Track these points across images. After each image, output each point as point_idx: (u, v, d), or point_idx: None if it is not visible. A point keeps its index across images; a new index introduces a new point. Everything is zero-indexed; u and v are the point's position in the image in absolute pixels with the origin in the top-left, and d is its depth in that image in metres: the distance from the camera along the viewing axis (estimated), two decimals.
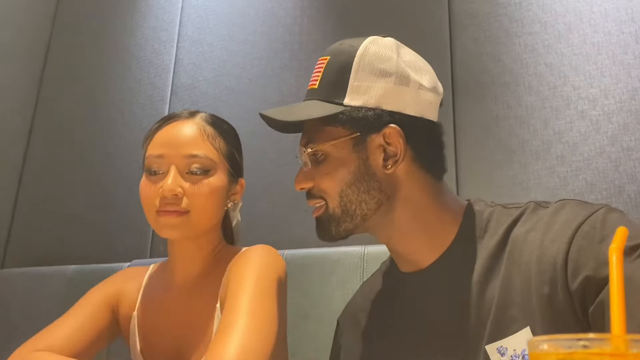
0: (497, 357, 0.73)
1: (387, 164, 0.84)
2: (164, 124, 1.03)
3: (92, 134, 2.23)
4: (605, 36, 1.47)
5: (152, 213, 0.97)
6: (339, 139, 0.83)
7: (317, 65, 0.89)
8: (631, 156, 1.37)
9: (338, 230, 0.85)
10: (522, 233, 0.77)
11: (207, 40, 2.12)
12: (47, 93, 2.42)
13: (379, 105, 0.83)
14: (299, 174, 0.88)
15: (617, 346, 0.35)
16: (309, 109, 0.85)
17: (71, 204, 2.17)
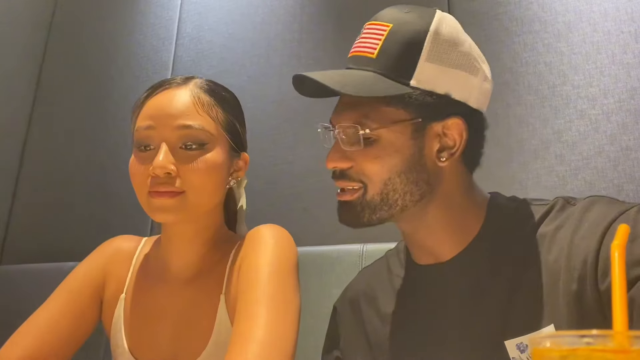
0: (516, 353, 0.72)
1: (441, 155, 0.79)
2: (155, 91, 0.90)
3: (91, 130, 2.22)
4: (604, 35, 1.47)
5: (144, 194, 0.86)
6: (400, 123, 0.76)
7: (372, 28, 0.80)
8: (630, 155, 1.37)
9: (371, 218, 0.79)
10: (551, 230, 0.76)
11: (206, 37, 2.11)
12: (46, 89, 2.41)
13: (448, 93, 0.77)
14: (334, 150, 0.80)
15: (620, 343, 0.35)
16: (371, 84, 0.75)
17: (69, 200, 2.17)
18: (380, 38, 0.78)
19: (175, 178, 0.85)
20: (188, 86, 0.91)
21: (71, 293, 0.97)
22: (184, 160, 0.86)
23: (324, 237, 1.61)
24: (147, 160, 0.86)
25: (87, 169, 2.17)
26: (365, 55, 0.79)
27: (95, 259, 1.03)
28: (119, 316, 0.96)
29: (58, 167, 2.25)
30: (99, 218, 2.07)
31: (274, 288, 0.81)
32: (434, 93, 0.76)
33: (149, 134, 0.87)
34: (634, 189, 1.34)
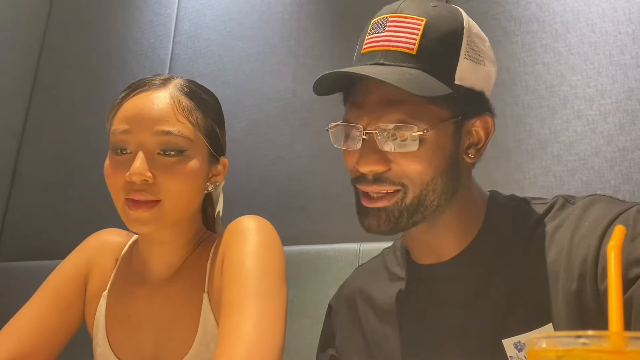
0: (513, 352, 0.72)
1: (469, 152, 0.79)
2: (132, 92, 0.87)
3: (88, 127, 2.21)
4: (602, 36, 1.47)
5: (120, 202, 0.84)
6: (445, 122, 0.74)
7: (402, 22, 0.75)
8: (627, 156, 1.37)
9: (408, 223, 0.76)
10: (550, 229, 0.76)
11: (203, 35, 2.11)
12: (43, 85, 2.40)
13: (483, 90, 0.78)
14: (370, 152, 0.74)
15: (616, 343, 0.35)
16: (424, 82, 0.72)
17: (66, 198, 2.16)
18: (417, 32, 0.74)
19: (151, 185, 0.82)
20: (167, 88, 0.87)
21: (56, 287, 0.96)
22: (161, 166, 0.83)
23: (320, 236, 1.61)
24: (123, 165, 0.84)
25: (83, 167, 2.16)
26: (403, 50, 0.74)
27: (81, 252, 1.01)
28: (101, 314, 0.95)
29: (54, 164, 2.24)
30: (95, 216, 2.07)
31: (259, 282, 0.80)
32: (473, 90, 0.76)
33: (126, 138, 0.84)
34: (630, 190, 1.35)
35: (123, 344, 0.92)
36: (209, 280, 0.89)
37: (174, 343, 0.88)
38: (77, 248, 1.03)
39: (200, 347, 0.87)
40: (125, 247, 1.01)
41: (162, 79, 0.90)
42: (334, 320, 0.95)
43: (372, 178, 0.75)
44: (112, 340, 0.93)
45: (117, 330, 0.93)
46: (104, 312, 0.95)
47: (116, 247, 1.01)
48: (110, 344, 0.92)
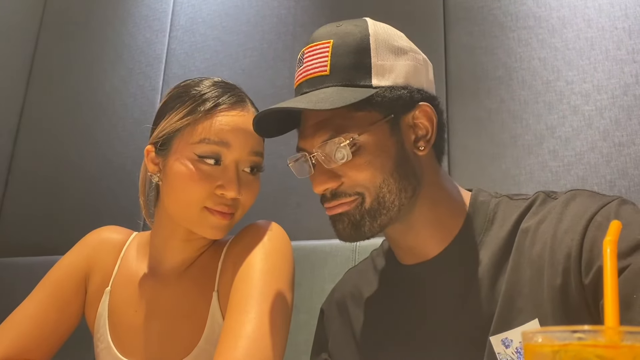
0: (501, 348, 0.72)
1: (418, 145, 0.80)
2: (223, 104, 0.88)
3: (83, 123, 2.20)
4: (598, 31, 1.47)
5: (197, 209, 0.85)
6: (376, 124, 0.76)
7: (313, 50, 0.80)
8: (622, 152, 1.37)
9: (372, 227, 0.78)
10: (533, 224, 0.76)
11: (199, 30, 2.10)
12: (37, 80, 2.39)
13: (407, 83, 0.79)
14: (318, 173, 0.78)
15: (611, 338, 0.35)
16: (335, 96, 0.75)
17: (61, 194, 2.15)
18: (327, 55, 0.78)
19: (237, 200, 0.87)
20: (249, 106, 0.92)
21: (55, 284, 0.96)
22: (244, 183, 0.88)
23: (317, 232, 1.61)
24: (211, 176, 0.85)
25: (79, 162, 2.16)
26: (318, 75, 0.78)
27: (81, 249, 1.02)
28: (104, 310, 0.95)
29: (49, 160, 2.23)
30: (91, 211, 2.06)
31: (266, 284, 0.81)
32: (395, 87, 0.78)
33: (223, 151, 0.86)
34: (626, 185, 1.35)
35: (127, 339, 0.92)
36: (220, 280, 0.90)
37: (180, 339, 0.88)
38: (77, 245, 1.03)
39: (206, 345, 0.87)
40: (127, 243, 1.01)
41: (237, 90, 0.93)
42: (326, 324, 0.96)
43: (330, 195, 0.78)
44: (115, 336, 0.93)
45: (120, 326, 0.93)
46: (106, 309, 0.95)
47: (117, 244, 1.01)
48: (112, 341, 0.92)
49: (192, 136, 0.86)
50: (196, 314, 0.89)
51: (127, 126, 2.10)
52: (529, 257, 0.74)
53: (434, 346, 0.79)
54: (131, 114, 2.11)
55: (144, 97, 2.11)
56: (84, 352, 1.11)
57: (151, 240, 0.98)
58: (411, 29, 1.71)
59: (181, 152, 0.87)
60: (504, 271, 0.76)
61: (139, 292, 0.94)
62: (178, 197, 0.87)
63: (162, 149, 0.90)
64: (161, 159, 0.91)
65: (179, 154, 0.87)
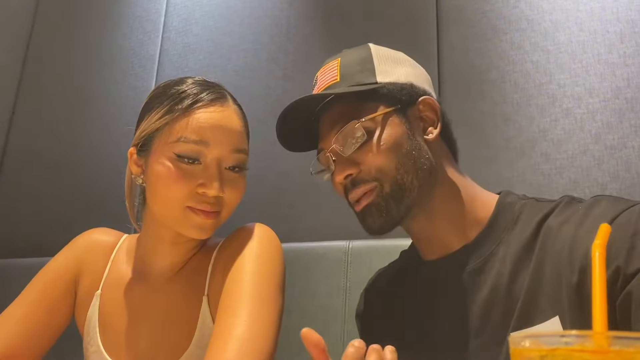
0: None
1: (428, 132, 0.87)
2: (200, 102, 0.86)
3: (75, 124, 2.19)
4: (590, 35, 1.48)
5: (179, 208, 0.84)
6: (383, 113, 0.84)
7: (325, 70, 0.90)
8: (614, 154, 1.38)
9: (399, 209, 0.82)
10: (556, 224, 0.77)
11: (192, 31, 2.10)
12: (29, 80, 2.38)
13: (410, 82, 0.88)
14: (338, 163, 0.85)
15: (599, 343, 0.35)
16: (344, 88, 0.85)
17: (53, 195, 2.14)
18: (336, 68, 0.89)
19: (220, 198, 0.86)
20: (230, 103, 0.91)
21: (44, 286, 0.96)
22: (228, 181, 0.87)
23: (309, 234, 1.61)
24: (192, 175, 0.84)
25: (71, 163, 2.15)
26: (330, 84, 0.88)
27: (71, 251, 1.01)
28: (94, 313, 0.94)
29: (41, 160, 2.22)
30: (82, 212, 2.05)
31: (256, 287, 0.81)
32: (398, 83, 0.87)
33: (202, 150, 0.84)
34: (617, 188, 1.35)
35: (116, 342, 0.91)
36: (210, 284, 0.89)
37: (170, 343, 0.88)
38: (66, 247, 1.02)
39: (196, 350, 0.87)
40: (117, 246, 1.01)
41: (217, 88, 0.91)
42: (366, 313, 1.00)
43: (351, 184, 0.84)
44: (105, 339, 0.92)
45: (110, 329, 0.92)
46: (96, 312, 0.94)
47: (107, 247, 1.01)
48: (102, 344, 0.92)
49: (170, 135, 0.85)
50: (186, 317, 0.89)
51: (120, 127, 2.09)
52: (551, 256, 0.75)
53: (454, 341, 0.80)
54: (124, 115, 2.10)
55: (136, 98, 2.10)
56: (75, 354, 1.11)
57: (140, 244, 0.97)
58: (404, 31, 1.72)
59: (161, 152, 0.86)
60: (526, 270, 0.77)
61: (129, 296, 0.93)
62: (160, 197, 0.86)
63: (143, 150, 0.89)
64: (143, 161, 0.90)
65: (159, 154, 0.86)
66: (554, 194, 1.40)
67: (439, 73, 1.63)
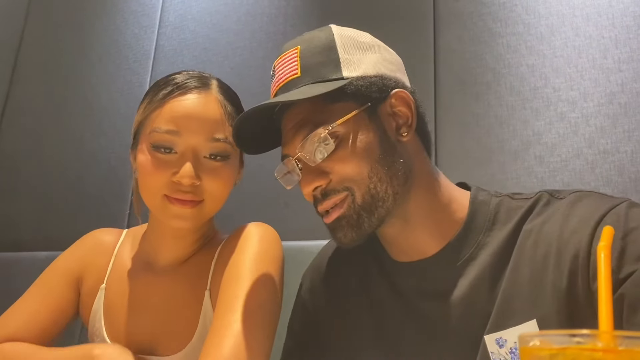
0: (495, 348, 0.72)
1: (401, 131, 0.80)
2: (176, 92, 0.86)
3: (67, 117, 2.18)
4: (586, 40, 1.49)
5: (158, 198, 0.85)
6: (353, 114, 0.76)
7: (283, 59, 0.81)
8: (607, 159, 1.39)
9: (371, 222, 0.76)
10: (537, 225, 0.75)
11: (189, 27, 2.09)
12: (22, 74, 2.35)
13: (379, 72, 0.79)
14: (305, 173, 0.77)
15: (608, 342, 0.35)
16: (310, 90, 0.75)
17: (43, 189, 2.12)
18: (296, 60, 0.79)
19: (197, 187, 0.84)
20: (212, 90, 0.88)
21: (49, 288, 0.97)
22: (207, 170, 0.85)
23: (305, 232, 1.60)
24: (167, 164, 0.84)
25: (63, 157, 2.13)
26: (290, 79, 0.79)
27: (74, 252, 1.03)
28: (99, 306, 0.96)
29: (32, 154, 2.20)
30: (74, 207, 2.04)
31: (253, 284, 0.81)
32: (367, 76, 0.78)
33: (173, 139, 0.84)
34: (610, 192, 1.37)
35: (119, 332, 0.93)
36: (212, 279, 0.90)
37: (172, 335, 0.89)
38: (70, 248, 1.04)
39: (198, 343, 0.87)
40: (119, 242, 1.02)
41: (202, 78, 0.90)
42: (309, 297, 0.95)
43: (321, 195, 0.77)
44: (110, 331, 0.93)
45: (114, 319, 0.94)
46: (102, 304, 0.95)
47: (109, 245, 1.02)
48: (107, 335, 0.93)
49: (148, 127, 0.87)
50: (189, 311, 0.90)
51: (114, 122, 2.08)
52: (531, 258, 0.73)
53: (427, 343, 0.79)
54: (118, 109, 2.09)
55: (131, 93, 2.09)
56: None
57: (146, 237, 0.99)
58: (401, 33, 1.73)
59: (142, 144, 0.87)
60: (503, 271, 0.75)
61: (134, 287, 0.95)
62: (142, 188, 0.87)
63: (134, 144, 0.91)
64: (134, 154, 0.92)
65: (141, 146, 0.87)
66: None
67: (435, 74, 1.64)
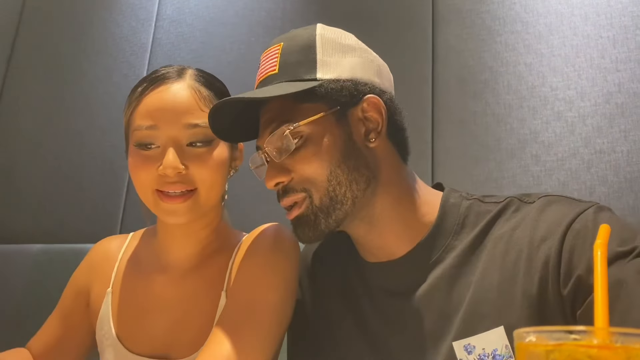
0: (463, 354, 0.72)
1: (369, 137, 0.80)
2: (150, 86, 0.87)
3: (63, 109, 2.16)
4: (584, 39, 1.49)
5: (150, 195, 0.85)
6: (321, 115, 0.77)
7: (267, 54, 0.83)
8: (603, 158, 1.39)
9: (328, 223, 0.77)
10: (507, 231, 0.75)
11: (186, 20, 2.08)
12: (17, 64, 2.34)
13: (354, 76, 0.79)
14: (270, 168, 0.79)
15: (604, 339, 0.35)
16: (280, 89, 0.77)
17: (39, 181, 2.11)
18: (277, 56, 0.81)
19: (185, 176, 0.83)
20: (184, 79, 0.88)
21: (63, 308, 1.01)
22: (192, 158, 0.84)
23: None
24: (151, 159, 0.84)
25: (59, 150, 2.12)
26: (268, 74, 0.81)
27: (82, 265, 1.04)
28: (107, 309, 0.95)
29: (28, 147, 2.19)
30: (69, 200, 2.03)
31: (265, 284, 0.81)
32: (340, 79, 0.78)
33: (152, 134, 0.84)
34: (605, 192, 1.37)
35: (133, 334, 0.91)
36: (229, 280, 0.89)
37: (189, 335, 0.87)
38: (79, 266, 1.05)
39: None
40: (124, 245, 1.01)
41: (177, 70, 0.90)
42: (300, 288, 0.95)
43: (282, 192, 0.79)
44: (121, 331, 0.92)
45: (126, 321, 0.93)
46: (109, 307, 0.94)
47: (114, 250, 1.01)
48: (119, 336, 0.92)
49: (131, 128, 0.87)
50: (205, 311, 0.88)
51: (109, 115, 2.07)
52: (501, 265, 0.73)
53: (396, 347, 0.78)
54: (114, 102, 2.08)
55: (127, 87, 2.06)
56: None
57: (157, 237, 0.97)
58: (399, 30, 1.73)
59: (130, 145, 0.88)
60: (470, 276, 0.75)
61: (149, 284, 0.94)
62: (136, 187, 0.87)
63: (126, 147, 0.91)
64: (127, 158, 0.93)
65: (130, 148, 0.88)
66: None
67: (432, 72, 1.64)
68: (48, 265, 1.72)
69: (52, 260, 1.72)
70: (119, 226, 1.90)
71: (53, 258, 1.72)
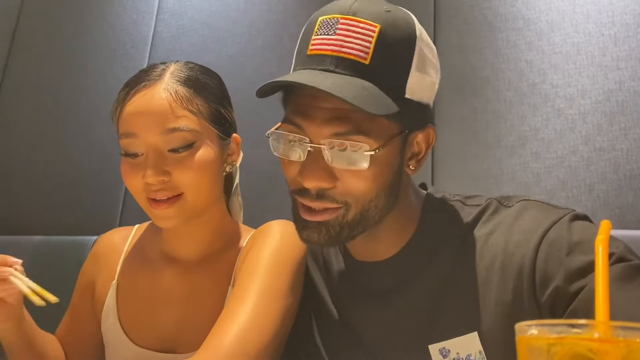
0: (439, 357, 0.72)
1: (410, 164, 0.75)
2: (130, 92, 0.86)
3: (64, 102, 2.16)
4: (585, 37, 1.50)
5: (143, 201, 0.85)
6: (393, 137, 0.70)
7: (355, 27, 0.68)
8: (602, 156, 1.40)
9: (348, 237, 0.74)
10: (483, 235, 0.74)
11: (187, 13, 2.07)
12: (18, 57, 2.33)
13: (429, 103, 0.75)
14: (316, 167, 0.69)
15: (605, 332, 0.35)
16: (376, 97, 0.67)
17: (39, 173, 2.11)
18: (371, 40, 0.68)
19: (169, 182, 0.83)
20: (162, 81, 0.85)
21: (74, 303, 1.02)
22: (175, 163, 0.83)
23: None
24: (138, 167, 0.84)
25: (59, 142, 2.12)
26: (355, 59, 0.68)
27: (88, 260, 1.04)
28: (111, 301, 0.95)
29: (27, 138, 2.18)
30: (69, 191, 2.03)
31: (267, 279, 0.81)
32: (422, 104, 0.73)
33: (134, 142, 0.84)
34: (604, 189, 1.38)
35: (138, 327, 0.92)
36: (236, 275, 0.89)
37: (195, 330, 0.87)
38: (85, 261, 1.05)
39: None
40: (129, 238, 1.01)
41: (158, 71, 0.88)
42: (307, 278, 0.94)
43: (315, 193, 0.70)
44: (126, 323, 0.92)
45: (132, 313, 0.93)
46: (114, 299, 0.94)
47: (119, 242, 1.02)
48: (124, 328, 0.92)
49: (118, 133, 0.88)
50: (213, 305, 0.88)
51: (110, 107, 2.05)
52: (478, 269, 0.73)
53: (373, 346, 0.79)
54: (114, 95, 2.06)
55: (127, 79, 2.07)
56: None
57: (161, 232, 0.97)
58: None
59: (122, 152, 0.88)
60: (448, 279, 0.75)
61: (151, 282, 0.94)
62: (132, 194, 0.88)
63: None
64: None
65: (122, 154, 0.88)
66: (543, 193, 1.42)
67: None
68: (48, 256, 1.72)
69: (53, 251, 1.72)
70: (119, 218, 1.90)
71: (53, 250, 1.72)
